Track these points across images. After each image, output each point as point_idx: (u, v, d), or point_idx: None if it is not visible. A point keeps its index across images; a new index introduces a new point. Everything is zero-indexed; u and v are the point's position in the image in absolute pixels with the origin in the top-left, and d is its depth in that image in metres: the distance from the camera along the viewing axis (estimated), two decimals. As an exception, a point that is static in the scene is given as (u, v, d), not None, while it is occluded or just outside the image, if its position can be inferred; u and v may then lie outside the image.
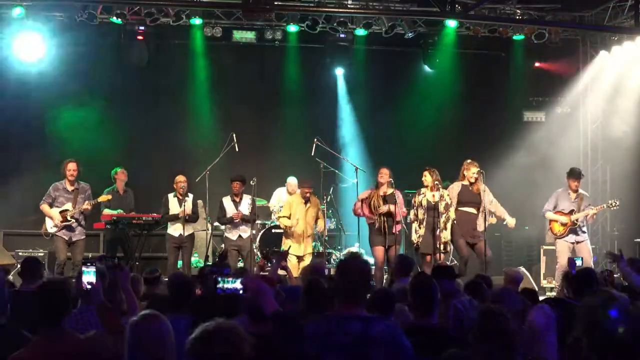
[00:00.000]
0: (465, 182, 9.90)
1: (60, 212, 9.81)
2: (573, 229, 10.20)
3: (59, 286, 3.82)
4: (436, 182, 9.80)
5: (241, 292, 4.08)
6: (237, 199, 10.54)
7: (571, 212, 10.22)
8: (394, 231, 9.78)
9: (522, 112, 13.62)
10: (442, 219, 9.78)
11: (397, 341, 3.26)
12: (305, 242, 10.35)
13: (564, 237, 10.22)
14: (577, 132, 13.41)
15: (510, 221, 10.12)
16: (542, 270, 11.54)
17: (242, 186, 10.49)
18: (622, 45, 12.45)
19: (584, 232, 10.29)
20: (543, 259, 11.66)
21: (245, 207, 10.46)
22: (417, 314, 4.02)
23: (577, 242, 10.20)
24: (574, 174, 10.40)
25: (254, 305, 3.57)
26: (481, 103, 13.37)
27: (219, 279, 4.26)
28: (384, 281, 9.58)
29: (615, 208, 10.55)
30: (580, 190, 10.40)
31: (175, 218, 10.34)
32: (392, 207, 9.69)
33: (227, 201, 10.58)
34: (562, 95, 13.32)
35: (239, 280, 4.11)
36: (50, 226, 9.85)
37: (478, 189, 9.88)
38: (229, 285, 4.16)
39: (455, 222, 9.83)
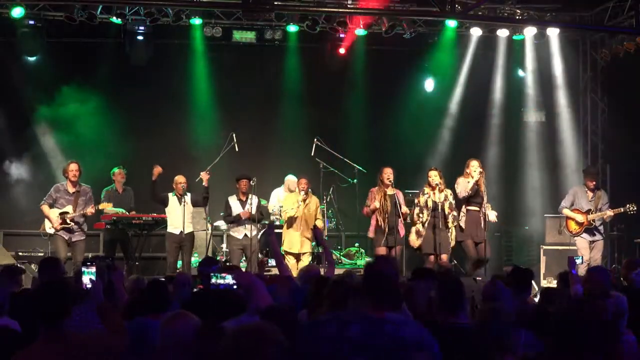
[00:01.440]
0: (470, 179, 9.92)
1: (60, 214, 9.81)
2: (589, 228, 10.28)
3: (59, 286, 3.82)
4: (437, 184, 9.84)
5: (235, 287, 4.09)
6: (244, 198, 10.52)
7: (589, 211, 10.27)
8: (399, 230, 9.81)
9: (522, 112, 13.62)
10: (450, 219, 9.81)
11: (426, 343, 3.22)
12: (302, 241, 10.29)
13: (579, 235, 10.30)
14: (577, 132, 13.41)
15: (492, 215, 10.13)
16: (542, 270, 11.54)
17: (249, 184, 10.49)
18: (621, 45, 12.45)
19: (600, 232, 10.41)
20: (543, 259, 11.65)
21: (252, 206, 10.43)
22: (445, 313, 3.96)
23: (593, 242, 10.28)
24: (588, 173, 10.50)
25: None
26: (481, 103, 13.37)
27: (212, 275, 4.28)
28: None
29: (632, 212, 10.53)
30: (599, 190, 10.48)
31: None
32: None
33: (233, 200, 10.55)
34: (562, 95, 13.31)
35: (230, 276, 4.12)
36: (49, 227, 9.84)
37: (481, 186, 9.90)
38: (222, 281, 4.17)
39: (462, 222, 9.85)
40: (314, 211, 10.32)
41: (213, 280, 4.21)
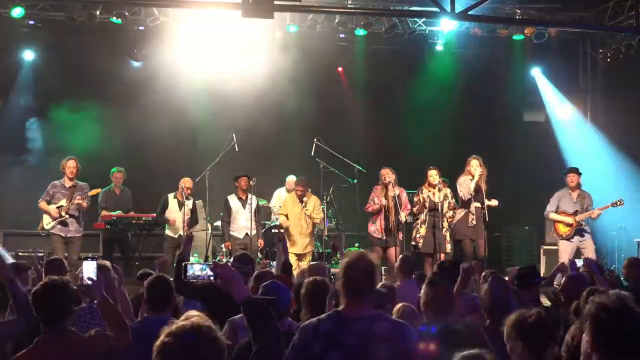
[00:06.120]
0: (471, 177, 9.92)
1: (56, 208, 9.80)
2: (578, 229, 10.23)
3: (61, 286, 3.81)
4: (437, 183, 9.86)
5: (212, 278, 4.07)
6: (244, 197, 10.50)
7: (575, 212, 10.23)
8: (399, 230, 9.84)
9: (522, 112, 13.61)
10: (447, 219, 9.83)
11: (403, 340, 3.25)
12: (303, 241, 10.32)
13: (570, 237, 10.22)
14: (577, 132, 13.41)
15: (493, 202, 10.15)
16: (542, 270, 11.52)
17: (249, 182, 10.47)
18: (621, 45, 12.46)
19: (587, 231, 10.33)
20: (543, 259, 11.66)
21: (252, 207, 10.43)
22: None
23: (581, 242, 10.23)
24: (571, 169, 10.50)
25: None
26: (481, 103, 13.36)
27: (189, 266, 4.25)
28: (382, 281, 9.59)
29: (620, 206, 10.50)
30: (582, 190, 10.43)
31: (166, 222, 10.46)
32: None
33: (233, 200, 10.53)
34: (563, 95, 13.32)
35: (209, 268, 4.10)
36: (46, 223, 9.81)
37: (482, 186, 9.90)
38: (200, 273, 4.16)
39: (458, 221, 9.87)
40: (312, 211, 10.37)
41: (190, 272, 4.19)
